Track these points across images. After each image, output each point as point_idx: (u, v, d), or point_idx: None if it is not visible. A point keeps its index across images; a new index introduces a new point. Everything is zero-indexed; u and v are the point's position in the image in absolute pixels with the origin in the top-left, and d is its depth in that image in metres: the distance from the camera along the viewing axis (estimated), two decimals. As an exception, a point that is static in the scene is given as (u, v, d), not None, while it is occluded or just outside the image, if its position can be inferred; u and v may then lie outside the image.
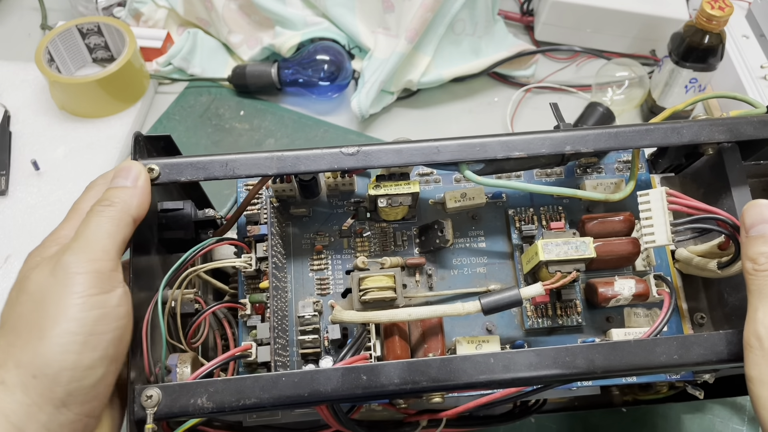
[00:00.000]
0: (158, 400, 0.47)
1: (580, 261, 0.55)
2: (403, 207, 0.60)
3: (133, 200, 0.50)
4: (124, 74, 1.11)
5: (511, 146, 0.55)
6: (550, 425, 0.88)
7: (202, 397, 0.47)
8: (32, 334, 0.42)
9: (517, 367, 0.49)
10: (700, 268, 0.58)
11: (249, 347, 0.56)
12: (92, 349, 0.43)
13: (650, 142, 0.56)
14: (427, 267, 0.62)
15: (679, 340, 0.49)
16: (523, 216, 0.63)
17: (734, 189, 0.56)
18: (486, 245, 0.63)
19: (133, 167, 0.52)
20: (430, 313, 0.53)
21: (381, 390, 0.48)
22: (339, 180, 0.63)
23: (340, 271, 0.62)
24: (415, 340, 0.57)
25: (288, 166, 0.55)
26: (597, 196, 0.60)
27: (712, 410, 0.90)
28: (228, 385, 0.48)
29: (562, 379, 0.50)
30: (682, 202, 0.53)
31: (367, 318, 0.53)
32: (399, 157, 0.55)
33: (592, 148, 0.56)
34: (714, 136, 0.56)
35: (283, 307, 0.59)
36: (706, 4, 1.01)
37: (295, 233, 0.63)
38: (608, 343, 0.50)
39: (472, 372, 0.49)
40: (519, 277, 0.61)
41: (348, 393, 0.48)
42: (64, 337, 0.42)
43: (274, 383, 0.48)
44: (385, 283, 0.56)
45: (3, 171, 1.07)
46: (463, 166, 0.57)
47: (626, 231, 0.59)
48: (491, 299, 0.53)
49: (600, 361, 0.49)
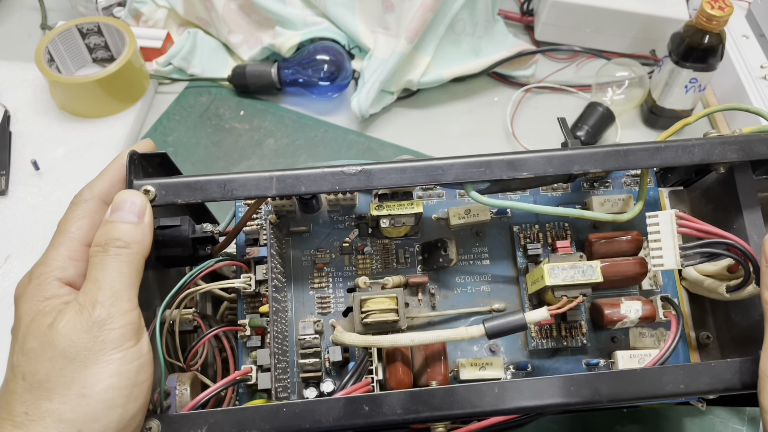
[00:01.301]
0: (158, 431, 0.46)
1: (587, 285, 0.53)
2: (406, 228, 0.58)
3: (145, 240, 0.48)
4: (124, 74, 1.10)
5: (517, 166, 0.53)
6: (550, 425, 0.87)
7: (202, 428, 0.46)
8: (71, 391, 0.42)
9: (522, 397, 0.47)
10: (708, 291, 0.56)
11: (249, 371, 0.54)
12: (135, 399, 0.44)
13: (660, 162, 0.54)
14: (430, 286, 0.60)
15: (686, 369, 0.48)
16: (528, 233, 0.61)
17: (746, 211, 0.54)
18: (490, 263, 0.61)
19: (137, 201, 0.49)
20: (433, 339, 0.51)
21: (383, 420, 0.47)
22: (340, 196, 0.60)
23: (341, 289, 0.60)
24: (417, 364, 0.55)
25: (288, 187, 0.52)
26: (605, 217, 0.57)
27: (712, 410, 0.89)
28: (228, 415, 0.46)
29: (567, 408, 0.49)
30: (692, 225, 0.51)
31: (369, 342, 0.52)
32: (402, 178, 0.53)
33: (601, 168, 0.54)
34: (726, 156, 0.54)
35: (284, 329, 0.57)
36: (706, 4, 1.00)
37: (295, 251, 0.61)
38: (614, 372, 0.48)
39: (476, 402, 0.47)
40: (524, 297, 0.59)
41: (350, 424, 0.46)
42: (109, 393, 0.42)
43: (275, 414, 0.46)
44: (387, 305, 0.55)
45: (3, 171, 1.06)
46: (468, 186, 0.55)
47: (633, 251, 0.57)
48: (495, 323, 0.51)
49: (605, 390, 0.47)
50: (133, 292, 0.46)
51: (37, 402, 0.42)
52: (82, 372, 0.42)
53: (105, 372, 0.42)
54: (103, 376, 0.42)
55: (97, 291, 0.45)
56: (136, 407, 0.44)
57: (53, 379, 0.42)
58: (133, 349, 0.44)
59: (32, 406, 0.41)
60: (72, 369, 0.42)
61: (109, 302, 0.44)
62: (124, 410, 0.43)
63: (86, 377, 0.42)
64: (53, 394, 0.42)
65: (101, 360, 0.42)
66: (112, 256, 0.46)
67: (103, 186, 0.51)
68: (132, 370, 0.43)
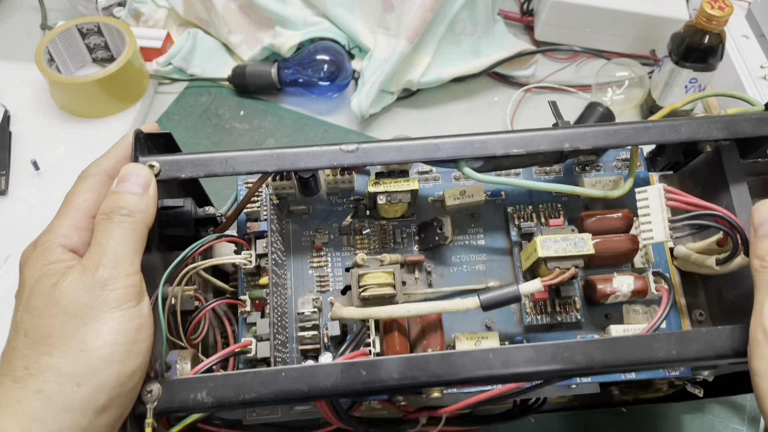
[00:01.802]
0: (158, 394, 0.48)
1: (579, 257, 0.56)
2: (402, 204, 0.61)
3: (149, 210, 0.51)
4: (124, 74, 1.12)
5: (510, 143, 0.56)
6: (551, 425, 0.89)
7: (201, 392, 0.48)
8: (71, 346, 0.43)
9: (516, 363, 0.49)
10: (698, 265, 0.59)
11: (249, 343, 0.56)
12: (135, 356, 0.45)
13: (648, 139, 0.57)
14: (426, 264, 0.62)
15: (678, 336, 0.50)
16: (522, 213, 0.64)
17: (732, 187, 0.57)
18: (485, 242, 0.64)
19: (142, 173, 0.52)
20: (429, 309, 0.54)
21: (380, 385, 0.49)
22: (338, 178, 0.63)
23: (340, 268, 0.62)
24: (414, 336, 0.58)
25: (288, 163, 0.55)
26: (595, 193, 0.60)
27: (712, 410, 0.90)
28: (228, 380, 0.48)
29: (561, 375, 0.51)
30: (679, 198, 0.54)
31: (366, 314, 0.54)
32: (398, 155, 0.56)
33: (591, 145, 0.57)
34: (712, 134, 0.57)
35: (283, 304, 0.59)
36: (706, 4, 1.01)
37: (295, 230, 0.63)
38: (607, 339, 0.50)
39: (471, 367, 0.49)
40: (518, 274, 0.62)
41: (347, 388, 0.48)
42: (108, 348, 0.44)
43: (274, 378, 0.48)
44: (384, 279, 0.57)
45: (3, 171, 1.08)
46: (462, 163, 0.58)
47: (625, 228, 0.60)
48: (490, 296, 0.54)
49: (598, 356, 0.49)
50: (136, 257, 0.48)
51: (37, 357, 0.43)
52: (82, 328, 0.44)
53: (105, 329, 0.44)
54: (103, 333, 0.44)
55: (101, 255, 0.47)
56: (135, 365, 0.45)
57: (54, 335, 0.44)
58: (134, 309, 0.46)
59: (32, 361, 0.43)
60: (73, 325, 0.44)
61: (111, 265, 0.46)
62: (123, 366, 0.44)
63: (86, 333, 0.44)
64: (53, 349, 0.43)
65: (101, 317, 0.44)
66: (117, 223, 0.49)
67: (110, 162, 0.54)
68: (131, 329, 0.45)
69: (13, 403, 0.42)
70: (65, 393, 0.42)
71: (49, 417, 0.42)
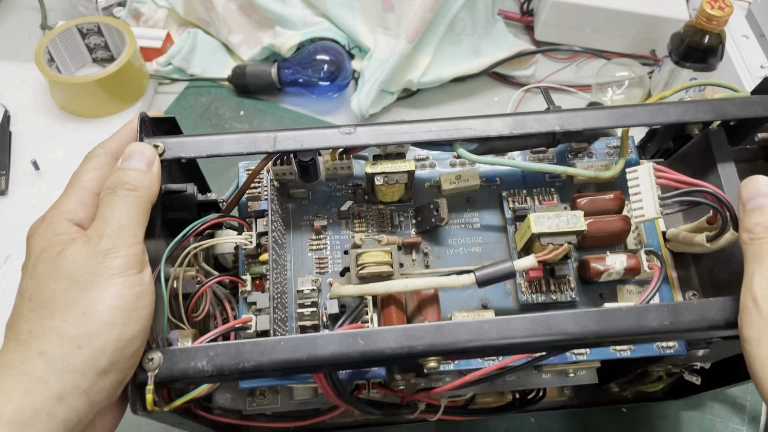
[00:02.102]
0: (159, 362, 0.49)
1: (572, 233, 0.57)
2: (399, 186, 0.62)
3: (152, 186, 0.53)
4: (124, 74, 1.13)
5: (503, 125, 0.59)
6: (551, 425, 0.90)
7: (202, 360, 0.49)
8: (73, 310, 0.45)
9: (511, 333, 0.51)
10: (689, 244, 0.60)
11: (249, 320, 0.58)
12: (135, 322, 0.47)
13: (638, 121, 0.59)
14: (423, 246, 0.64)
15: (670, 307, 0.51)
16: (516, 197, 0.66)
17: (720, 167, 0.59)
18: (480, 226, 0.65)
19: (146, 151, 0.54)
20: (425, 285, 0.55)
21: (378, 354, 0.50)
22: (337, 163, 0.65)
23: (339, 251, 0.64)
24: (411, 312, 0.59)
25: (287, 144, 0.57)
26: (587, 173, 0.62)
27: (712, 410, 0.91)
28: (228, 348, 0.50)
29: (555, 345, 0.52)
30: (669, 176, 0.56)
31: (364, 290, 0.56)
32: (395, 136, 0.58)
33: (581, 126, 0.59)
34: (699, 116, 0.59)
35: (283, 283, 0.61)
36: (706, 4, 1.02)
37: (295, 214, 0.65)
38: (601, 310, 0.51)
39: (466, 337, 0.50)
40: (513, 255, 0.64)
41: (346, 358, 0.50)
42: (109, 313, 0.45)
43: (273, 347, 0.50)
44: (382, 258, 0.59)
45: (3, 171, 1.09)
46: (457, 144, 0.60)
47: (617, 209, 0.62)
48: (485, 272, 0.56)
49: (592, 327, 0.51)
50: (139, 229, 0.50)
51: (40, 321, 0.45)
52: (84, 293, 0.46)
53: (106, 294, 0.46)
54: (104, 297, 0.46)
55: (105, 226, 0.49)
56: (135, 330, 0.47)
57: (57, 299, 0.46)
58: (135, 276, 0.48)
59: (36, 325, 0.45)
60: (75, 290, 0.46)
61: (115, 234, 0.48)
62: (123, 330, 0.46)
63: (88, 298, 0.46)
64: (56, 313, 0.45)
65: (103, 283, 0.46)
66: (121, 197, 0.51)
67: (115, 144, 0.56)
68: (132, 295, 0.47)
69: (16, 365, 0.43)
70: (67, 355, 0.44)
71: (52, 378, 0.43)
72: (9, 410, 0.41)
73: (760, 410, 0.91)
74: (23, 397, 0.42)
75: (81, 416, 0.44)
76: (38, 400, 0.42)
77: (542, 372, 0.74)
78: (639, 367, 0.74)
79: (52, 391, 0.43)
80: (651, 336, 0.52)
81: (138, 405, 0.48)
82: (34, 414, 0.42)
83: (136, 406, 0.48)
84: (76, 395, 0.44)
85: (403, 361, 0.52)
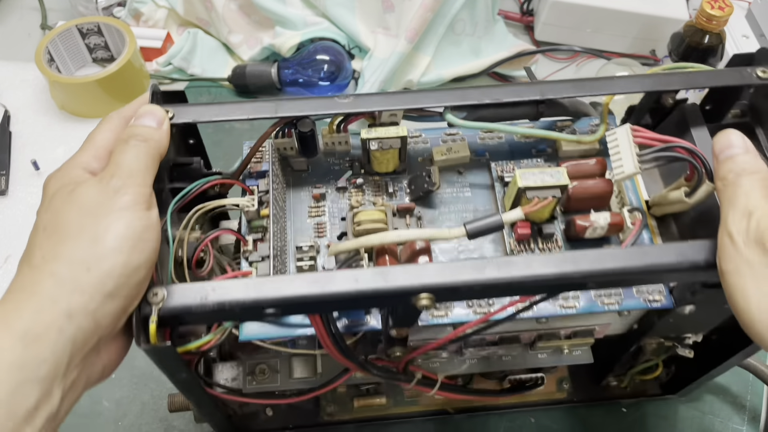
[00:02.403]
0: (163, 297, 0.51)
1: (556, 187, 0.60)
2: (393, 153, 0.65)
3: (162, 141, 0.56)
4: (124, 74, 1.14)
5: (488, 93, 0.63)
6: (551, 425, 0.91)
7: (204, 296, 0.51)
8: (84, 237, 0.48)
9: (501, 269, 0.52)
10: (670, 203, 0.63)
11: (250, 273, 0.61)
12: (140, 252, 0.49)
13: (616, 89, 0.64)
14: (417, 211, 0.67)
15: (653, 248, 0.55)
16: (505, 168, 0.69)
17: (694, 131, 0.63)
18: (471, 194, 0.68)
19: (157, 111, 0.58)
20: (417, 235, 0.58)
21: (372, 288, 0.52)
22: (335, 137, 0.68)
23: (336, 217, 0.67)
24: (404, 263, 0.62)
25: (288, 110, 0.61)
26: (570, 137, 0.67)
27: (712, 410, 0.92)
28: (230, 284, 0.52)
29: (543, 283, 0.54)
30: (645, 135, 0.59)
31: (360, 243, 0.58)
32: (389, 102, 0.62)
33: (562, 94, 0.63)
34: (671, 84, 0.63)
35: (282, 241, 0.64)
36: (706, 4, 1.02)
37: (296, 184, 0.69)
38: (589, 251, 0.54)
39: (458, 274, 0.52)
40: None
41: (342, 293, 0.51)
42: (117, 241, 0.48)
43: (273, 284, 0.52)
44: (377, 216, 0.62)
45: (3, 171, 1.10)
46: (446, 111, 0.64)
47: (599, 174, 0.65)
48: (475, 224, 0.58)
49: (581, 265, 0.53)
50: (148, 175, 0.53)
51: (53, 246, 0.48)
52: (94, 222, 0.49)
53: (115, 224, 0.49)
54: (113, 227, 0.49)
55: (116, 168, 0.52)
56: (140, 259, 0.49)
57: (69, 227, 0.48)
58: (143, 212, 0.51)
59: (48, 250, 0.48)
60: (87, 219, 0.49)
61: (125, 175, 0.51)
62: (129, 257, 0.48)
63: (98, 226, 0.48)
64: (67, 239, 0.48)
65: (112, 215, 0.49)
66: (132, 146, 0.54)
67: (129, 111, 0.59)
68: (139, 227, 0.50)
69: (28, 286, 0.46)
70: (77, 277, 0.46)
71: (61, 297, 0.46)
72: (21, 325, 0.44)
73: (760, 410, 0.92)
74: (35, 314, 0.45)
75: (87, 336, 0.47)
76: (48, 317, 0.45)
77: (537, 351, 0.75)
78: (632, 344, 0.75)
79: (62, 309, 0.45)
80: (636, 276, 0.54)
81: (142, 338, 0.50)
82: (45, 329, 0.44)
83: (140, 338, 0.50)
84: (83, 315, 0.46)
85: (397, 299, 0.54)
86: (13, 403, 0.42)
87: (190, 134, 0.68)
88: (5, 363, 0.43)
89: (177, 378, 0.60)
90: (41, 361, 0.44)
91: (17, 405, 0.43)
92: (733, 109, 0.68)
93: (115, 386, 0.92)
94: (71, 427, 0.88)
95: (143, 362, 0.91)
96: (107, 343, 0.51)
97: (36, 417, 0.44)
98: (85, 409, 0.90)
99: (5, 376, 0.42)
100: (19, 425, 0.43)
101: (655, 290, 0.63)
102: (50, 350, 0.44)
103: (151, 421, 0.90)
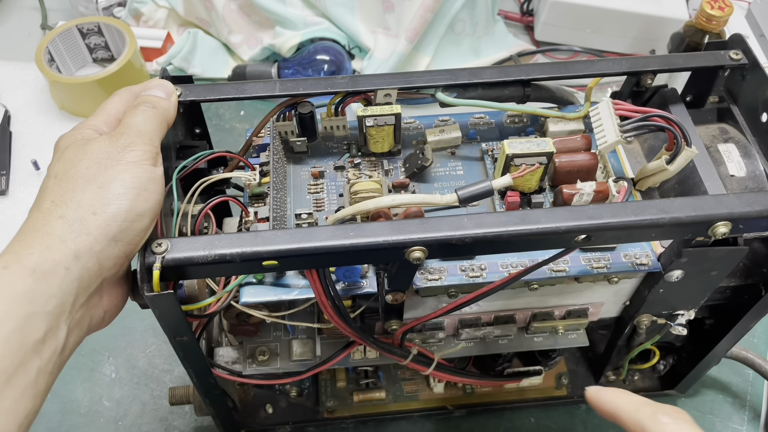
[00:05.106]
0: (167, 248, 0.54)
1: (542, 155, 0.63)
2: (388, 131, 0.68)
3: (170, 109, 0.60)
4: (124, 74, 1.15)
5: (476, 74, 0.67)
6: (551, 425, 0.91)
7: (206, 249, 0.54)
8: (92, 184, 0.51)
9: (488, 224, 0.55)
10: (653, 172, 0.66)
11: None
12: (144, 200, 0.53)
13: (598, 70, 0.68)
14: (411, 187, 0.70)
15: (638, 204, 0.56)
16: (495, 148, 0.72)
17: (672, 108, 0.68)
18: (463, 172, 0.71)
19: (166, 84, 0.62)
20: (410, 201, 0.61)
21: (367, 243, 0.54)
22: (333, 121, 0.71)
23: (335, 194, 0.70)
24: None
25: (289, 89, 0.65)
26: (554, 113, 0.71)
27: (712, 410, 0.93)
28: (231, 238, 0.55)
29: (529, 237, 0.55)
30: (625, 107, 0.63)
31: (357, 209, 0.61)
32: (382, 82, 0.66)
33: (546, 74, 0.68)
34: (649, 65, 0.68)
35: (282, 213, 0.66)
36: (706, 4, 1.03)
37: (296, 163, 0.72)
38: (574, 206, 0.58)
39: (448, 228, 0.54)
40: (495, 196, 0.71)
41: (338, 245, 0.54)
42: (123, 188, 0.52)
43: (273, 237, 0.54)
44: (373, 186, 0.65)
45: (3, 171, 1.11)
46: (437, 90, 0.67)
47: (585, 148, 0.68)
48: (466, 190, 0.61)
49: (567, 220, 0.55)
50: (156, 136, 0.57)
51: (63, 192, 0.52)
52: (102, 171, 0.52)
53: (122, 174, 0.52)
54: (119, 177, 0.52)
55: (125, 128, 0.56)
56: (144, 207, 0.53)
57: (79, 175, 0.52)
58: (149, 167, 0.54)
59: (58, 195, 0.51)
60: (95, 169, 0.52)
61: (134, 134, 0.55)
62: (133, 203, 0.52)
63: (105, 175, 0.52)
64: (76, 186, 0.52)
65: (119, 167, 0.53)
66: (141, 110, 0.58)
67: (139, 89, 0.62)
68: (144, 179, 0.53)
69: (38, 227, 0.50)
70: (84, 219, 0.50)
71: (69, 238, 0.49)
72: (32, 260, 0.47)
73: (760, 410, 0.93)
74: (44, 251, 0.48)
75: (92, 277, 0.50)
76: (57, 255, 0.48)
77: (533, 334, 0.76)
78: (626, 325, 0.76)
79: (69, 249, 0.48)
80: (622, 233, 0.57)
81: (145, 286, 0.53)
82: (53, 266, 0.47)
83: (144, 286, 0.53)
84: (89, 256, 0.49)
85: (390, 251, 0.56)
86: (23, 333, 0.45)
87: (197, 123, 0.71)
88: (16, 295, 0.46)
89: (178, 340, 0.62)
90: (50, 296, 0.47)
91: (27, 335, 0.45)
92: (711, 96, 0.72)
93: (115, 386, 0.93)
94: (71, 427, 0.90)
95: (143, 362, 0.93)
96: (109, 288, 0.54)
97: (44, 349, 0.47)
98: (85, 409, 0.91)
99: (16, 307, 0.45)
100: (28, 355, 0.45)
101: (642, 254, 0.65)
102: (58, 286, 0.47)
103: (151, 421, 0.90)
